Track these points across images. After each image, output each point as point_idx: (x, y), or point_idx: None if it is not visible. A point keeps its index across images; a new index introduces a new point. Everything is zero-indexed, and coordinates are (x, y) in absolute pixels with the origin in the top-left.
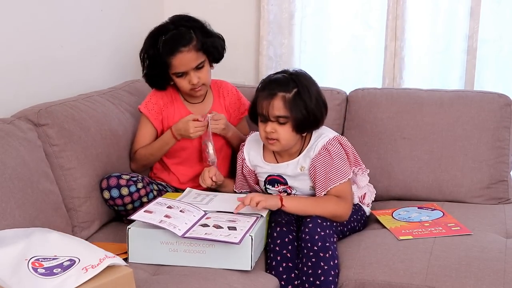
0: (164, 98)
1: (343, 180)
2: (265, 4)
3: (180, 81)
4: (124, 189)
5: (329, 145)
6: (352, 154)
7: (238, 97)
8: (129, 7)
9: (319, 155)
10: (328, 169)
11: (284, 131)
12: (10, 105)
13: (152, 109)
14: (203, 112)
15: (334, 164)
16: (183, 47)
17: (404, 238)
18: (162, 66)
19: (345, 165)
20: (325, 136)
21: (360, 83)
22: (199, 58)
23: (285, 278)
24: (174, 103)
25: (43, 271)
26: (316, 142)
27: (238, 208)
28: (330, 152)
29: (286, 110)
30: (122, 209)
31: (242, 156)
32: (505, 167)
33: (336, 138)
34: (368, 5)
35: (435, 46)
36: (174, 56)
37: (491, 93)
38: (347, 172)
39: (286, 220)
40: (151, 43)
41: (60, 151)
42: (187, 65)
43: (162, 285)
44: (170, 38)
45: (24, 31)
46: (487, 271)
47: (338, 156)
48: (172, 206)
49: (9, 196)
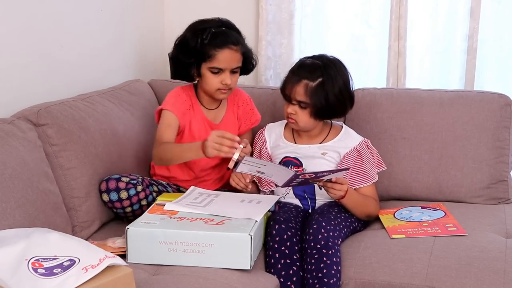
0: (188, 100)
1: (369, 183)
2: (264, 4)
3: (212, 78)
4: (123, 193)
5: (359, 147)
6: (376, 156)
7: (251, 107)
8: (129, 7)
9: (351, 153)
10: (356, 170)
11: (303, 114)
12: (10, 105)
13: (179, 108)
14: (217, 119)
15: (363, 166)
16: (233, 45)
17: (397, 237)
18: (201, 57)
19: (373, 169)
20: (353, 138)
21: (360, 83)
22: (239, 61)
23: (284, 275)
24: (193, 106)
25: (43, 271)
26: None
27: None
28: (361, 155)
29: (307, 97)
30: (121, 211)
31: (263, 138)
32: (505, 167)
33: (366, 141)
34: (368, 5)
35: (435, 46)
36: (222, 50)
37: (491, 93)
38: (374, 176)
39: (284, 218)
40: (196, 31)
41: (60, 151)
42: (229, 63)
43: (162, 285)
44: (221, 32)
45: (24, 31)
46: (487, 271)
47: (367, 160)
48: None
49: (9, 196)
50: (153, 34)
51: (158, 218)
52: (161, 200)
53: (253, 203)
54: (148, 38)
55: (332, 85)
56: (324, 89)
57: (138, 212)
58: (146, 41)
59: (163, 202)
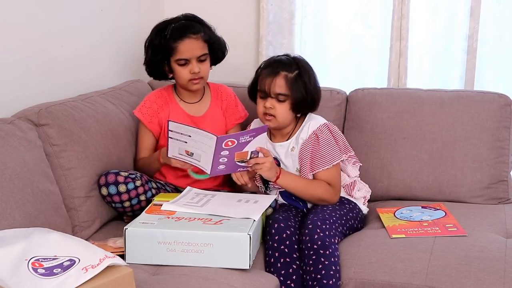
0: (159, 100)
1: (327, 166)
2: (265, 4)
3: (180, 70)
4: (122, 186)
5: (318, 131)
6: (341, 141)
7: (236, 103)
8: (129, 7)
9: (309, 139)
10: (315, 154)
11: (282, 108)
12: (10, 105)
13: (146, 112)
14: (199, 112)
15: (321, 150)
16: (192, 34)
17: (397, 237)
18: (166, 52)
19: (332, 152)
20: (316, 122)
21: (360, 83)
22: (204, 48)
23: (283, 274)
24: (169, 104)
25: (43, 271)
26: (307, 126)
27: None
28: (319, 138)
29: (287, 88)
30: (120, 206)
31: None
32: (505, 167)
33: (326, 125)
34: (369, 5)
35: (435, 46)
36: (182, 41)
37: (491, 93)
38: (334, 159)
39: (283, 216)
40: (158, 31)
41: (60, 151)
42: (192, 52)
43: (162, 285)
44: (180, 25)
45: (24, 31)
46: (487, 271)
47: (326, 143)
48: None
49: (9, 196)
50: None
51: (156, 218)
52: (158, 200)
53: (250, 203)
54: None
55: (308, 76)
56: (302, 80)
57: (137, 208)
58: None
59: (160, 202)
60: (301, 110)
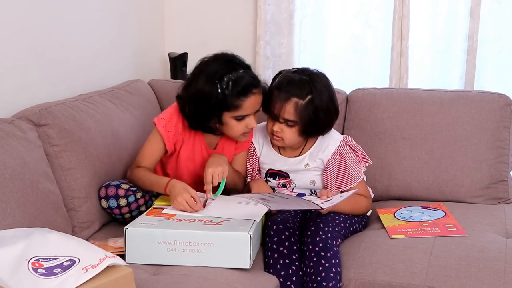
0: (180, 123)
1: (355, 183)
2: (262, 3)
3: (237, 125)
4: (122, 200)
5: (341, 149)
6: (360, 153)
7: (250, 134)
8: (129, 7)
9: (332, 159)
10: (341, 173)
11: (290, 132)
12: (10, 105)
13: (170, 130)
14: (214, 142)
15: (347, 168)
16: (255, 89)
17: (396, 237)
18: (224, 107)
19: (358, 167)
20: (334, 140)
21: (360, 83)
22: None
23: (283, 275)
24: (192, 130)
25: (43, 271)
26: (326, 145)
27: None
28: (344, 156)
29: (296, 116)
30: (120, 217)
31: (252, 147)
32: (505, 167)
33: (345, 140)
34: (368, 5)
35: (435, 46)
36: (248, 97)
37: (491, 93)
38: (358, 175)
39: (281, 218)
40: (213, 81)
41: (60, 151)
42: (255, 107)
43: (162, 285)
44: (241, 77)
45: (24, 31)
46: (487, 271)
47: (350, 160)
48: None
49: (9, 196)
50: (153, 34)
51: (156, 220)
52: (158, 204)
53: (250, 205)
54: (148, 38)
55: (321, 101)
56: (313, 106)
57: None
58: (146, 41)
59: (160, 206)
60: (310, 135)
